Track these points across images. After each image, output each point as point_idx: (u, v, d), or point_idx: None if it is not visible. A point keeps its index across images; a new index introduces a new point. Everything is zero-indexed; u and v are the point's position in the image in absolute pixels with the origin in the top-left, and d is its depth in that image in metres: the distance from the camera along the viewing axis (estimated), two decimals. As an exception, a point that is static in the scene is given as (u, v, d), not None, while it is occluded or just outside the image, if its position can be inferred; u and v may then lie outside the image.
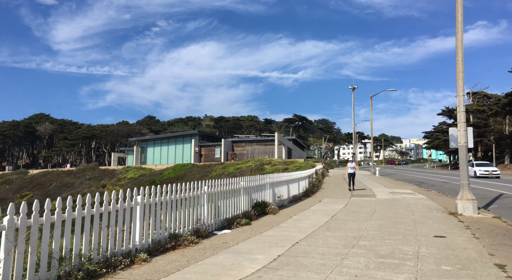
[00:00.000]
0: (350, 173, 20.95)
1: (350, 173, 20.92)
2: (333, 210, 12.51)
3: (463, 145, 11.91)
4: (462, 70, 12.13)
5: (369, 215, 11.24)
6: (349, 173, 20.96)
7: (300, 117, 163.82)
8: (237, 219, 9.10)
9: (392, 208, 13.15)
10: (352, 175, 20.94)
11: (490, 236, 8.17)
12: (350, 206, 13.61)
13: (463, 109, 12.03)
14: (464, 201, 11.59)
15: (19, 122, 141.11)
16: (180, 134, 60.56)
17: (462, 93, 12.08)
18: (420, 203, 14.75)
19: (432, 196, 17.44)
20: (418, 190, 21.30)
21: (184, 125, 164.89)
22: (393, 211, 12.21)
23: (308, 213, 11.73)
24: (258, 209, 10.68)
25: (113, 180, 50.25)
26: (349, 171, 20.94)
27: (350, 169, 20.93)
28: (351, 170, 20.88)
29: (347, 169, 21.17)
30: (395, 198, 16.44)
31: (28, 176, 58.73)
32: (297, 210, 12.52)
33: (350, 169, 20.93)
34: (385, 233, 8.35)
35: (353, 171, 20.88)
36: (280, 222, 9.80)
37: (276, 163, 43.11)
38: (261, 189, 11.74)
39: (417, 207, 13.46)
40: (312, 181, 21.81)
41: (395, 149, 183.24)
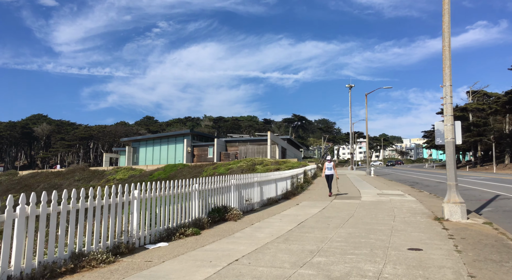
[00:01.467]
0: (328, 174, 17.52)
1: (328, 174, 17.50)
2: (306, 215, 11.17)
3: (450, 141, 10.56)
4: (449, 57, 10.78)
5: (343, 221, 9.90)
6: (327, 174, 17.52)
7: (299, 117, 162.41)
8: (182, 229, 7.76)
9: (373, 212, 11.80)
10: (330, 177, 17.62)
11: (476, 248, 6.83)
12: (327, 210, 12.26)
13: (450, 100, 10.67)
14: (451, 205, 10.24)
15: (16, 123, 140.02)
16: (172, 134, 59.25)
17: (449, 82, 10.73)
18: (406, 206, 13.40)
19: (422, 198, 16.09)
20: (410, 191, 19.94)
21: (182, 125, 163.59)
22: (372, 216, 10.87)
23: (275, 219, 10.39)
24: (216, 216, 9.34)
25: (102, 181, 48.96)
26: (327, 172, 17.52)
27: (327, 170, 17.52)
28: (329, 171, 17.50)
29: (324, 169, 17.72)
30: (380, 201, 15.09)
31: (17, 177, 57.48)
32: (265, 215, 11.18)
33: (327, 170, 17.52)
34: (351, 246, 7.01)
35: (331, 173, 17.51)
36: (236, 231, 8.47)
37: (268, 163, 41.80)
38: (223, 192, 10.40)
39: (402, 211, 12.11)
40: (297, 182, 20.46)
41: (395, 149, 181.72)
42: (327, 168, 17.50)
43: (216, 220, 9.32)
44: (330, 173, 17.46)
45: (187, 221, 8.35)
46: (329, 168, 17.46)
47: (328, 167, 17.52)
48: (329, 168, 17.47)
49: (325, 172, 17.57)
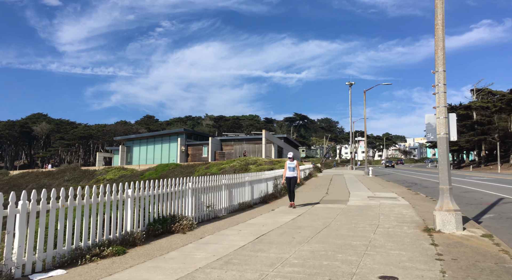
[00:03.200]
0: (288, 177, 13.33)
1: (290, 177, 13.30)
2: (274, 224, 9.52)
3: (443, 136, 8.87)
4: (442, 37, 9.09)
5: (314, 233, 8.24)
6: (288, 177, 13.35)
7: (301, 116, 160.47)
8: (100, 248, 6.11)
9: (355, 220, 10.13)
10: (292, 181, 13.24)
11: (469, 276, 5.16)
12: (302, 218, 10.60)
13: (443, 89, 8.98)
14: (444, 213, 8.56)
15: (15, 122, 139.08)
16: (166, 133, 57.68)
17: (442, 67, 9.04)
18: (396, 212, 11.72)
19: (416, 202, 14.39)
20: (405, 193, 18.24)
21: (183, 124, 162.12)
22: (351, 226, 9.20)
23: (234, 230, 8.73)
24: (158, 227, 7.70)
25: (91, 181, 47.49)
26: (287, 174, 13.34)
27: (289, 171, 13.29)
28: (291, 173, 13.26)
29: (285, 171, 13.46)
30: (368, 206, 13.41)
31: (7, 177, 56.14)
32: (226, 225, 9.53)
33: (289, 171, 13.29)
34: (306, 272, 5.36)
35: (293, 175, 13.24)
36: (174, 249, 6.83)
37: (262, 162, 40.18)
38: (175, 197, 8.75)
39: (389, 218, 10.44)
40: (281, 183, 18.76)
41: (399, 148, 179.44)
42: (288, 169, 13.27)
43: (158, 233, 7.68)
44: (291, 175, 13.24)
45: (114, 237, 6.71)
46: (291, 169, 13.25)
47: (290, 168, 13.28)
48: (290, 169, 13.25)
49: (286, 173, 13.36)
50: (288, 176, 13.35)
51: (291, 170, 13.30)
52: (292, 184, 13.30)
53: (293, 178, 13.27)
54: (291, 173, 13.31)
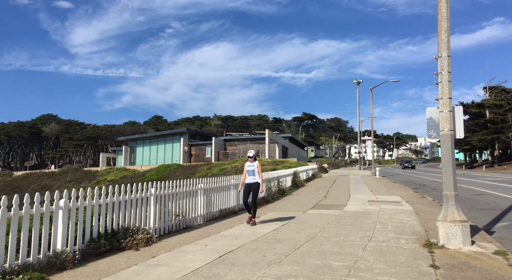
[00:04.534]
0: (247, 184, 10.06)
1: (248, 184, 10.03)
2: (249, 237, 8.22)
3: (447, 133, 7.48)
4: (446, 16, 7.71)
5: (291, 250, 6.93)
6: (247, 184, 10.08)
7: (310, 116, 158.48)
8: (6, 277, 4.84)
9: (346, 231, 8.78)
10: (253, 187, 9.95)
11: (476, 320, 3.80)
12: (286, 228, 9.28)
13: (447, 77, 7.59)
14: (449, 225, 7.17)
15: (24, 123, 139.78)
16: (169, 133, 56.65)
17: (446, 52, 7.65)
18: (395, 220, 10.33)
19: (421, 207, 12.96)
20: (410, 196, 16.78)
21: (191, 124, 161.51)
22: (339, 239, 7.85)
23: (199, 245, 7.45)
24: (102, 244, 6.43)
25: (92, 183, 46.67)
26: (247, 180, 10.12)
27: (248, 176, 10.10)
28: (251, 178, 10.02)
29: (244, 175, 10.38)
30: (366, 212, 12.03)
31: (10, 178, 55.66)
32: (195, 237, 8.26)
33: (248, 175, 10.09)
34: (256, 311, 4.05)
35: (253, 181, 9.96)
36: (109, 274, 5.56)
37: (264, 163, 38.87)
38: (127, 206, 7.48)
39: (386, 228, 9.06)
40: (277, 185, 17.45)
41: (409, 147, 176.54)
42: (247, 173, 10.08)
43: (102, 251, 6.41)
44: (251, 181, 9.97)
45: (36, 259, 5.45)
46: (250, 172, 10.01)
47: (249, 171, 10.03)
48: (250, 173, 10.02)
49: (245, 178, 10.20)
50: (248, 182, 9.99)
51: (250, 174, 10.00)
52: (254, 193, 9.90)
53: (254, 185, 9.89)
54: (250, 179, 9.98)
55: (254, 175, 10.05)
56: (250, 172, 10.08)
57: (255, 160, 10.15)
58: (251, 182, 10.02)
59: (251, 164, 10.09)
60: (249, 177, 10.10)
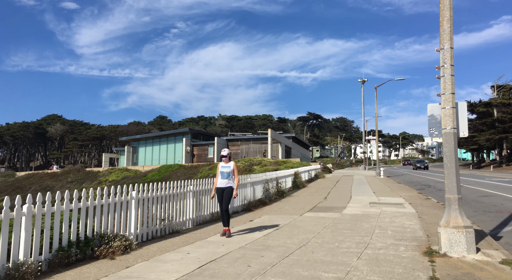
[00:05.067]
0: (220, 188, 8.48)
1: (221, 188, 8.47)
2: (237, 243, 7.69)
3: (450, 131, 6.90)
4: (449, 4, 7.12)
5: (280, 258, 6.39)
6: (219, 188, 8.50)
7: (315, 115, 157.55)
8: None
9: (342, 236, 8.22)
10: (224, 194, 8.43)
11: None
12: (278, 233, 8.73)
13: (450, 71, 7.01)
14: (451, 231, 6.60)
15: (29, 123, 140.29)
16: (171, 133, 56.26)
17: (449, 43, 7.06)
18: (396, 224, 9.75)
19: (424, 210, 12.36)
20: (414, 198, 16.17)
21: (195, 124, 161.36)
22: (333, 246, 7.30)
23: (181, 253, 6.93)
24: (74, 253, 5.91)
25: (94, 183, 46.34)
26: (219, 184, 8.50)
27: (221, 179, 8.47)
28: (224, 182, 8.44)
29: (217, 177, 8.59)
30: (366, 214, 11.45)
31: (13, 178, 55.55)
32: (179, 243, 7.74)
33: (221, 178, 8.46)
34: None
35: (227, 185, 8.44)
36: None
37: (267, 163, 38.33)
38: (104, 211, 6.98)
39: (385, 233, 8.49)
40: (276, 187, 16.90)
41: (416, 147, 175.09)
42: (221, 175, 8.44)
43: (73, 260, 5.90)
44: (224, 185, 8.39)
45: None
46: (225, 175, 8.40)
47: (223, 173, 8.42)
48: (223, 175, 8.41)
49: (217, 182, 8.51)
50: (220, 187, 8.39)
51: (224, 177, 8.36)
52: (225, 199, 8.32)
53: (227, 190, 8.35)
54: (224, 182, 8.35)
55: (228, 178, 8.41)
56: (224, 175, 8.40)
57: (230, 160, 8.57)
58: (224, 186, 8.37)
59: (226, 165, 8.47)
60: (222, 181, 8.41)
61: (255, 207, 13.09)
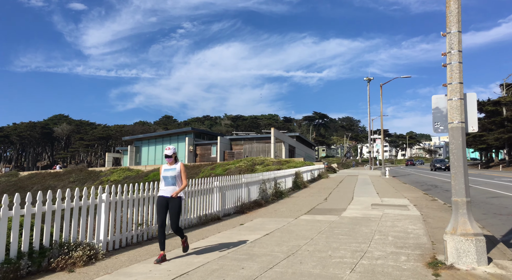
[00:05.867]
0: (164, 198, 6.44)
1: (163, 198, 6.45)
2: (219, 251, 6.92)
3: (457, 126, 6.08)
4: (455, -17, 6.29)
5: (261, 271, 5.63)
6: (162, 198, 6.45)
7: (321, 115, 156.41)
8: None
9: (337, 243, 7.42)
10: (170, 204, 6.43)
11: None
12: (267, 239, 7.96)
13: (458, 57, 6.18)
14: (459, 239, 5.78)
15: (36, 123, 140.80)
16: (174, 132, 55.68)
17: (457, 27, 6.24)
18: (398, 228, 8.92)
19: (429, 213, 11.50)
20: (419, 199, 15.30)
21: (200, 124, 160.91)
22: (326, 255, 6.51)
23: (147, 265, 6.18)
24: (24, 266, 5.17)
25: (95, 183, 45.88)
26: (161, 192, 6.52)
27: (164, 186, 6.52)
28: (168, 188, 6.46)
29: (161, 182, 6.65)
30: (367, 218, 10.63)
31: (16, 178, 55.30)
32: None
33: (164, 183, 6.52)
34: None
35: (169, 195, 6.42)
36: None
37: (269, 162, 37.57)
38: (67, 215, 6.24)
39: (385, 240, 7.68)
40: (274, 187, 16.13)
41: (423, 147, 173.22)
42: (164, 179, 6.56)
43: (24, 274, 5.09)
44: (168, 192, 6.46)
45: None
46: (169, 179, 6.50)
47: (167, 177, 6.52)
48: (167, 180, 6.52)
49: (160, 190, 6.62)
50: (163, 196, 6.46)
51: (169, 182, 6.47)
52: (172, 215, 6.37)
53: (173, 202, 6.38)
54: (169, 190, 6.45)
55: (174, 183, 6.45)
56: (168, 180, 6.46)
57: (176, 161, 6.68)
58: (168, 195, 6.40)
59: (170, 167, 6.54)
60: (166, 188, 6.46)
61: (249, 209, 12.32)
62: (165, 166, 6.68)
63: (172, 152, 6.65)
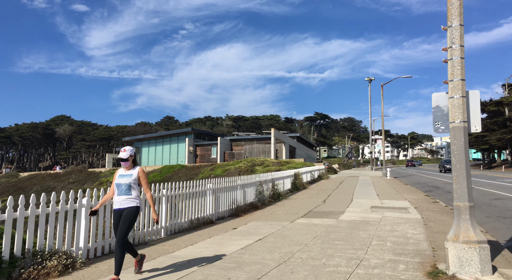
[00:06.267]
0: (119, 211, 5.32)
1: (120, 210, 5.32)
2: (206, 259, 6.55)
3: (459, 126, 5.69)
4: (456, -27, 5.90)
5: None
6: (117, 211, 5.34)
7: (322, 115, 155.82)
8: None
9: (332, 249, 7.03)
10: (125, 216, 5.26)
11: None
12: (259, 245, 7.57)
13: (459, 52, 5.79)
14: (461, 246, 5.39)
15: (38, 124, 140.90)
16: (174, 133, 55.33)
17: (459, 20, 5.85)
18: (398, 233, 8.53)
19: (431, 216, 11.10)
20: (420, 201, 14.89)
21: (202, 125, 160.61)
22: (320, 263, 6.13)
23: (127, 276, 5.80)
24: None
25: (95, 184, 45.56)
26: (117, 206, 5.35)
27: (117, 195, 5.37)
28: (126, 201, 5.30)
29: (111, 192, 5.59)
30: (365, 221, 10.24)
31: (16, 179, 55.05)
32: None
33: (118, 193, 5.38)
34: None
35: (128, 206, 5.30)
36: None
37: (269, 163, 37.18)
38: (42, 221, 5.88)
39: (383, 246, 7.28)
40: (272, 189, 15.75)
41: (425, 147, 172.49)
42: (118, 187, 5.38)
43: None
44: (124, 205, 5.30)
45: None
46: (124, 187, 5.34)
47: (121, 185, 5.36)
48: (122, 188, 5.34)
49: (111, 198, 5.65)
50: (118, 208, 5.35)
51: (123, 192, 5.34)
52: (122, 225, 5.22)
53: (128, 211, 5.29)
54: (124, 201, 5.32)
55: (129, 192, 5.29)
56: (122, 188, 5.30)
57: (134, 165, 5.58)
58: (123, 207, 5.26)
59: (126, 173, 5.41)
60: (119, 198, 5.30)
61: (244, 212, 11.94)
62: (121, 171, 5.51)
63: (129, 154, 5.46)
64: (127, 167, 5.52)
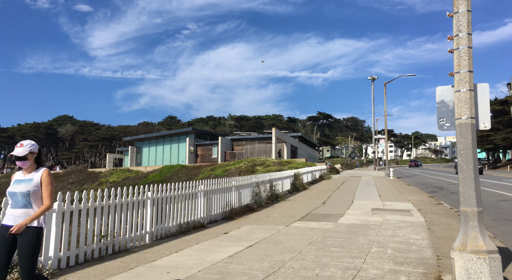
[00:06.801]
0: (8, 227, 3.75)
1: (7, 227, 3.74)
2: (190, 268, 6.02)
3: (466, 122, 5.11)
4: (463, -47, 5.32)
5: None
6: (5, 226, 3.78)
7: (325, 115, 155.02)
8: None
9: (327, 258, 6.47)
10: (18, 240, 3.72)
11: None
12: (249, 253, 7.03)
13: (467, 41, 5.21)
14: (469, 257, 4.81)
15: (40, 124, 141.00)
16: (175, 133, 54.86)
17: (466, 5, 5.28)
18: (399, 238, 7.95)
19: (435, 219, 10.51)
20: (424, 203, 14.30)
21: (204, 124, 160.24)
22: (313, 274, 5.57)
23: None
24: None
25: (94, 184, 45.15)
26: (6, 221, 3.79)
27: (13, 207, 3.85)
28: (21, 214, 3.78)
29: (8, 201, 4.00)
30: (365, 225, 9.66)
31: (15, 179, 54.70)
32: (116, 269, 6.09)
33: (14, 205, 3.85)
34: None
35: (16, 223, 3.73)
36: None
37: (270, 163, 36.64)
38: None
39: (384, 252, 6.72)
40: (269, 190, 15.18)
41: (429, 147, 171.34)
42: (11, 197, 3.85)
43: None
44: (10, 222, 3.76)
45: None
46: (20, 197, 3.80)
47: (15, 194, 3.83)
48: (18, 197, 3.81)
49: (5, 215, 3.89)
50: (6, 224, 3.79)
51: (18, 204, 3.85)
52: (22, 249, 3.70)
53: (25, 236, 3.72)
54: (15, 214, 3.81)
55: (27, 204, 3.86)
56: (17, 198, 3.87)
57: (39, 166, 4.08)
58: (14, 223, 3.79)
59: (24, 178, 3.95)
60: (13, 211, 3.86)
61: (238, 215, 11.38)
62: (18, 175, 4.01)
63: (27, 150, 3.95)
64: (27, 169, 3.97)
